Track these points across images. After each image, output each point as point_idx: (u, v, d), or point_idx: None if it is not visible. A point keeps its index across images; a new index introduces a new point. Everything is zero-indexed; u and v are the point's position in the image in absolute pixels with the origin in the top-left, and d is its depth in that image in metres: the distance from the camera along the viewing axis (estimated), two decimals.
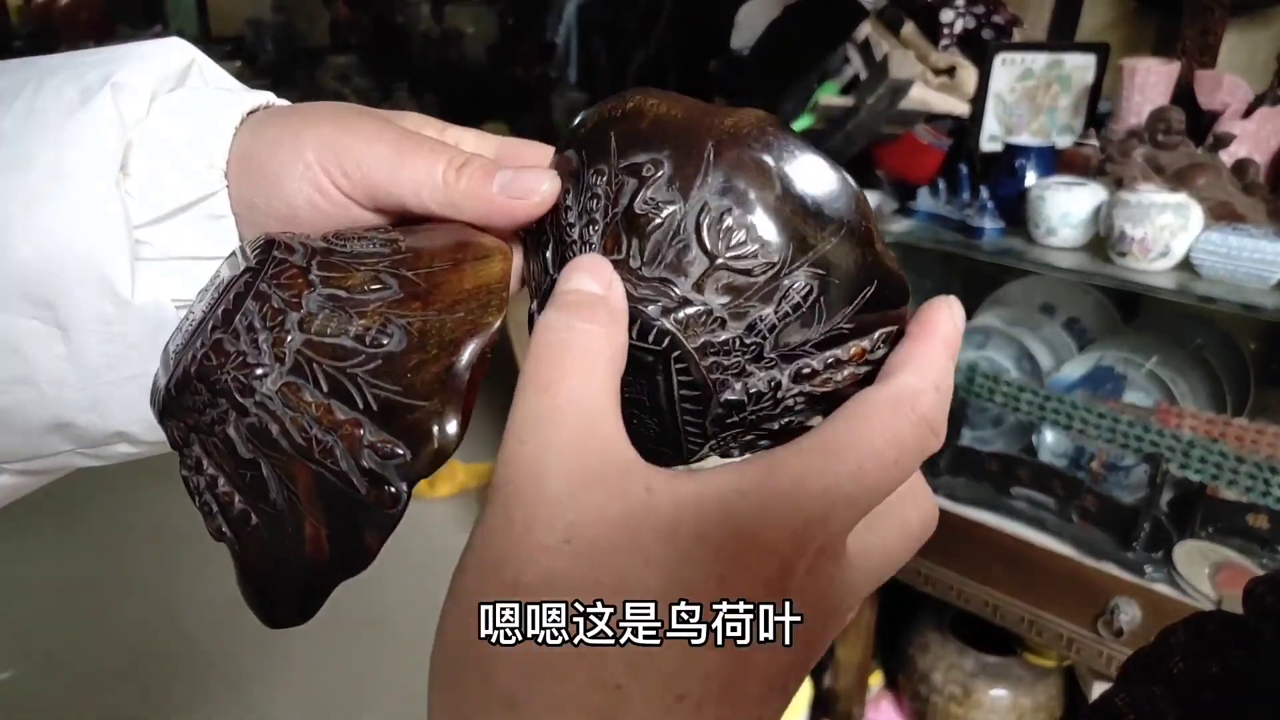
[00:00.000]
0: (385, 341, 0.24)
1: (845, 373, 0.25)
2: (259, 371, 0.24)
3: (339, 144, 0.27)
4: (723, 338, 0.24)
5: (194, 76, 0.30)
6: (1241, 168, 1.16)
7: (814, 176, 0.24)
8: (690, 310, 0.24)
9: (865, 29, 1.43)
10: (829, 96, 1.41)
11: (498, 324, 0.25)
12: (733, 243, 0.24)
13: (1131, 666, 0.34)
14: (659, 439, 0.27)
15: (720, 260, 0.24)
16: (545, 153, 0.30)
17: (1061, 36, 1.48)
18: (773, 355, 0.25)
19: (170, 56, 0.29)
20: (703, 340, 0.24)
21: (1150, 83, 1.26)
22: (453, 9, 4.92)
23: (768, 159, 0.24)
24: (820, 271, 0.24)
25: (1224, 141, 1.17)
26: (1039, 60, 1.37)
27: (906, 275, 0.26)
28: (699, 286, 0.24)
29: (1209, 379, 1.22)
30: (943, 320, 0.26)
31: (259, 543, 0.25)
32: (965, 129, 1.39)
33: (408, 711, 1.91)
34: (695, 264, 0.24)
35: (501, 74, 4.61)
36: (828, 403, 0.26)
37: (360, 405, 0.24)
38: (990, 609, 1.26)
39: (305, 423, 0.24)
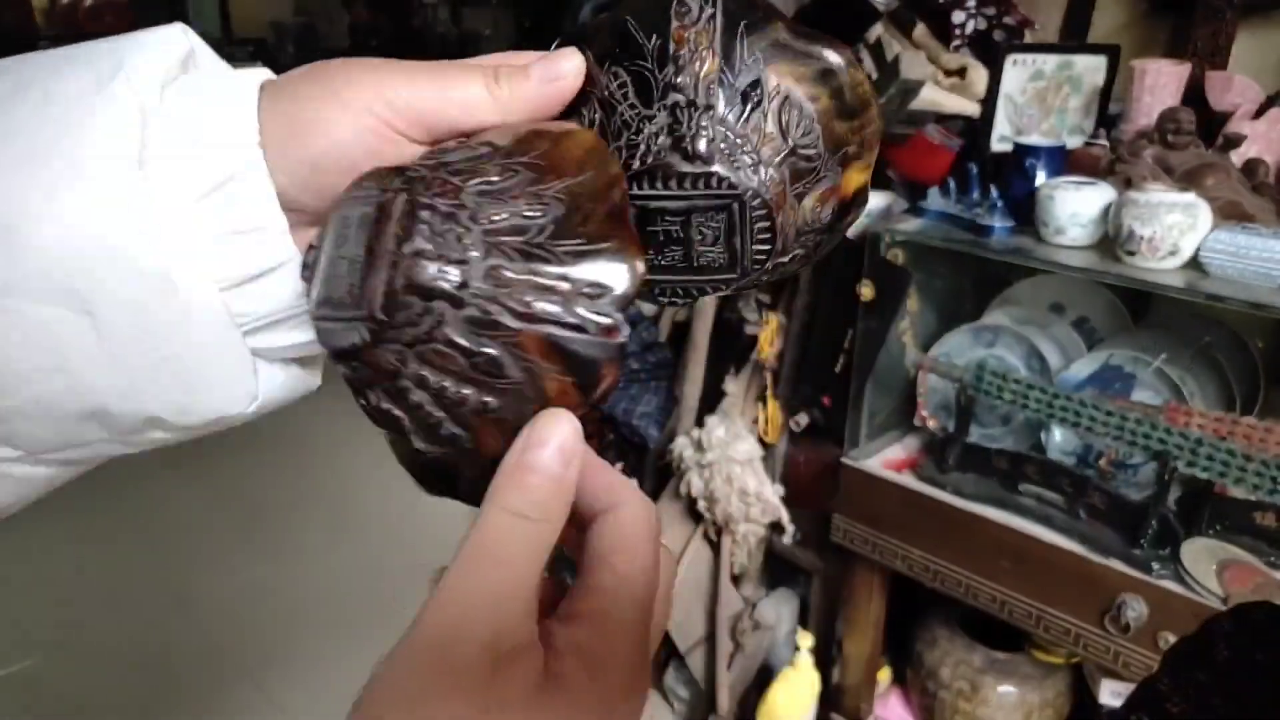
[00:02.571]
0: (546, 212, 0.28)
1: None
2: (463, 266, 0.27)
3: (381, 86, 0.29)
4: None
5: (193, 62, 0.30)
6: (1251, 168, 1.16)
7: None
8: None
9: (877, 30, 1.44)
10: None
11: (619, 169, 0.29)
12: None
13: (1175, 653, 0.34)
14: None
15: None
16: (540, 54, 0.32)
17: (1074, 38, 1.48)
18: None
19: (173, 43, 0.29)
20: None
21: (1160, 84, 1.27)
22: (470, 11, 4.95)
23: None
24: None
25: (1234, 142, 1.18)
26: (1050, 61, 1.38)
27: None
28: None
29: (1218, 378, 1.23)
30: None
31: (499, 423, 0.28)
32: (976, 129, 1.40)
33: None
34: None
35: None
36: None
37: (557, 264, 0.27)
38: (998, 605, 1.27)
39: (518, 296, 0.27)
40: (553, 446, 0.26)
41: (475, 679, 0.24)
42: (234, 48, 4.76)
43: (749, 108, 0.30)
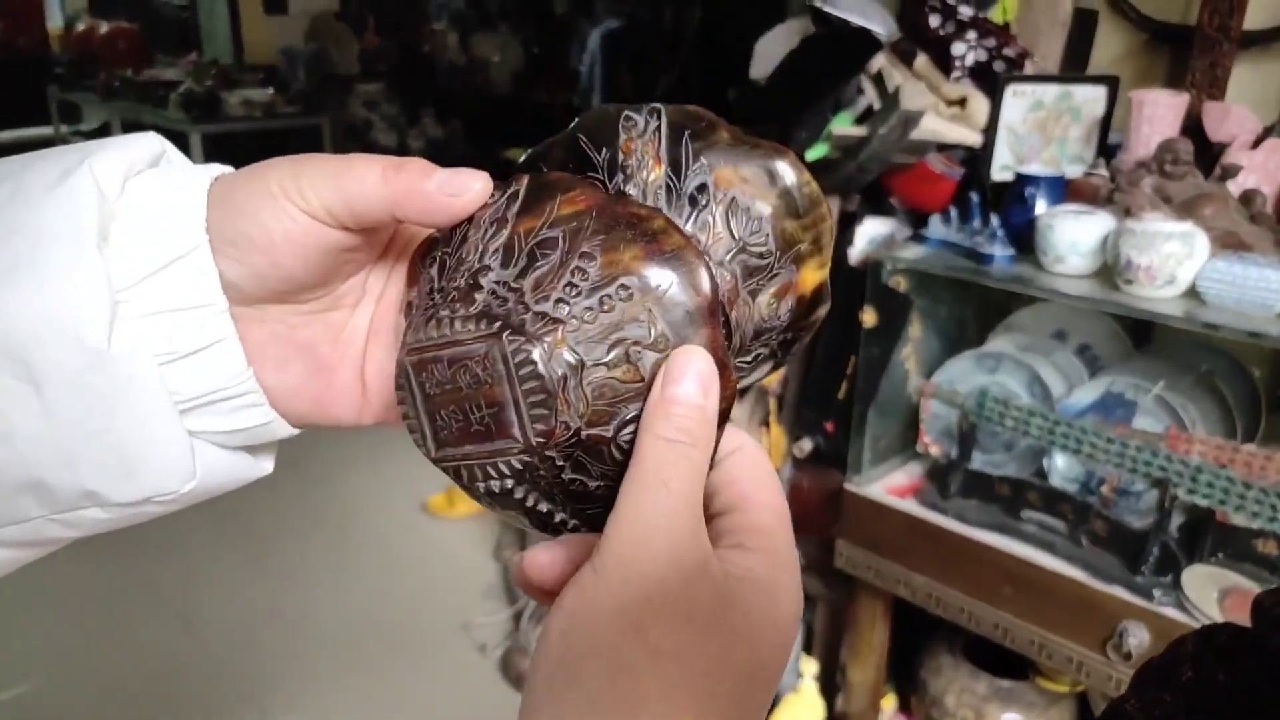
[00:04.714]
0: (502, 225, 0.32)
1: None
2: (496, 292, 0.30)
3: (294, 172, 0.31)
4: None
5: (165, 160, 0.32)
6: (1248, 198, 1.17)
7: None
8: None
9: (879, 61, 1.46)
10: (843, 126, 1.44)
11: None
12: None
13: (1143, 674, 0.35)
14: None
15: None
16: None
17: (1074, 68, 1.50)
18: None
19: (144, 145, 0.31)
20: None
21: (1159, 114, 1.28)
22: (479, 37, 5.02)
23: None
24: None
25: (1231, 172, 1.19)
26: (1050, 92, 1.40)
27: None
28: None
29: (1219, 405, 1.23)
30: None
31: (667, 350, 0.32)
32: (977, 158, 1.42)
33: None
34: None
35: (526, 101, 4.68)
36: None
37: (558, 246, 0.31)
38: (1000, 631, 1.27)
39: (580, 267, 0.30)
40: (690, 376, 0.29)
41: (666, 593, 0.27)
42: (245, 74, 4.81)
43: (697, 210, 0.31)
